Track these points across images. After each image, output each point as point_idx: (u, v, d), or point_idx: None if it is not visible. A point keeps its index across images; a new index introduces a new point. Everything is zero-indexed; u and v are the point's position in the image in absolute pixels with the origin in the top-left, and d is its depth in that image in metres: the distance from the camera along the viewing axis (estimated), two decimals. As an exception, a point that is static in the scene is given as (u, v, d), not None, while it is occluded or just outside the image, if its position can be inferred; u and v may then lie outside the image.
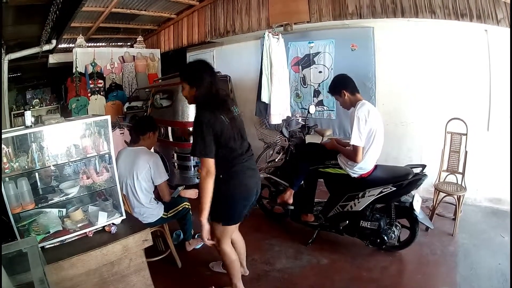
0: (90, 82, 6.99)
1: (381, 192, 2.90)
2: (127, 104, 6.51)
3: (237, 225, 2.49)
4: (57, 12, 4.33)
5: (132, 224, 2.38)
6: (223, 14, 6.07)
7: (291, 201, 3.34)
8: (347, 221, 3.17)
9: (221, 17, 6.12)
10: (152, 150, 3.19)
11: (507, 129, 3.53)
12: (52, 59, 7.89)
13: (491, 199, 4.06)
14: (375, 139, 2.87)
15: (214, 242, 2.41)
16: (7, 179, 1.95)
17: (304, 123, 3.80)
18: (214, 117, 2.14)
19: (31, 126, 2.05)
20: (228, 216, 2.34)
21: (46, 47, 6.13)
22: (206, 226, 2.23)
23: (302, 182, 3.35)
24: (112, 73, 7.31)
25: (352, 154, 2.87)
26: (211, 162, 2.13)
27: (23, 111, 8.51)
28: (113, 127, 4.35)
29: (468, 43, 3.99)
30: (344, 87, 2.95)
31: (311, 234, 3.41)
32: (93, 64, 6.99)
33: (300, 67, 5.41)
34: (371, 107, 2.89)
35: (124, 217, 2.39)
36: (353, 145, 2.82)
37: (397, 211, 3.03)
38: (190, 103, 2.38)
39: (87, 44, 7.17)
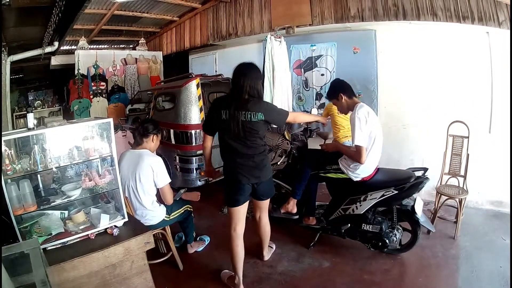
0: (93, 84, 7.02)
1: (383, 195, 2.90)
2: (129, 107, 6.51)
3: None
4: (60, 14, 4.34)
5: (134, 227, 2.38)
6: (225, 16, 6.09)
7: (295, 210, 3.32)
8: (349, 224, 3.16)
9: (223, 20, 6.13)
10: (154, 152, 3.19)
11: (509, 132, 3.52)
12: (54, 61, 7.91)
13: (492, 202, 4.05)
14: (375, 142, 2.85)
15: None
16: (9, 180, 1.95)
17: (306, 126, 3.79)
18: None
19: (33, 128, 2.06)
20: None
21: (48, 49, 6.12)
22: None
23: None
24: (114, 75, 7.34)
25: (356, 155, 2.82)
26: None
27: (25, 112, 8.52)
28: (115, 129, 4.35)
29: (469, 45, 4.00)
30: (341, 91, 2.95)
31: (313, 237, 3.40)
32: (95, 66, 7.02)
33: (302, 70, 5.42)
34: (369, 109, 2.87)
35: (126, 219, 2.38)
36: (356, 145, 2.78)
37: (399, 214, 3.03)
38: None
39: (89, 46, 7.19)
